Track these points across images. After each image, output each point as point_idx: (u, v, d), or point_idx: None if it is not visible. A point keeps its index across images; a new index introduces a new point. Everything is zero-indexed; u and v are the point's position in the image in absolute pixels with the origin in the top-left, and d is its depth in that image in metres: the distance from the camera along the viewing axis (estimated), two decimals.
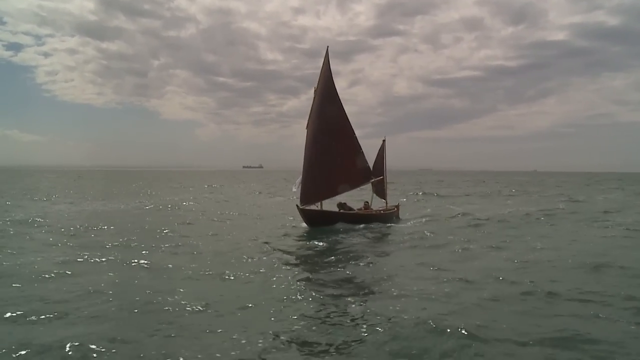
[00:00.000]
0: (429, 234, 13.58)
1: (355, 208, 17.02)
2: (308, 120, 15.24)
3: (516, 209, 21.88)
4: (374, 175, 17.00)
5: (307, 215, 14.62)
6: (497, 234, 13.81)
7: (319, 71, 15.36)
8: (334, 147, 15.20)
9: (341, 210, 15.81)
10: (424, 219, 17.81)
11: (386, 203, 17.94)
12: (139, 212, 19.09)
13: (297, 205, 14.80)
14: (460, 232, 14.09)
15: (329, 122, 15.21)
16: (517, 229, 15.15)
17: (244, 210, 20.19)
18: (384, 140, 17.86)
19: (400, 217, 18.07)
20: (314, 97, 15.20)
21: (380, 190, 17.90)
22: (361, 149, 15.73)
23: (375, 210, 17.00)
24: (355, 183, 15.61)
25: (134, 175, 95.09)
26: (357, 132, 15.75)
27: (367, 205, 17.13)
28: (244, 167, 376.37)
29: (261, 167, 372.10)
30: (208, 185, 47.72)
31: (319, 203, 15.31)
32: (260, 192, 35.46)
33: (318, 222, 14.52)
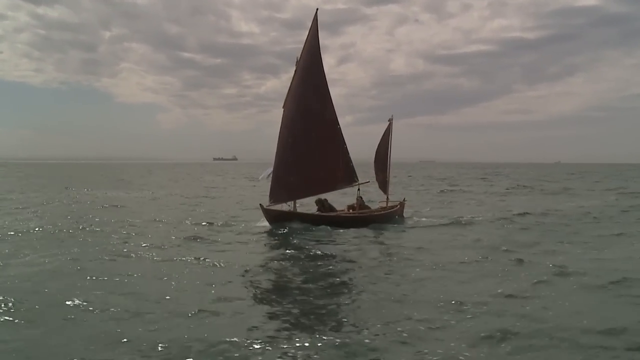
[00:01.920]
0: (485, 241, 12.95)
1: (345, 206, 16.89)
2: (286, 98, 15.07)
3: (576, 204, 22.63)
4: (377, 167, 17.30)
5: (272, 215, 14.45)
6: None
7: (302, 46, 15.27)
8: (313, 136, 15.02)
9: (317, 212, 15.61)
10: (465, 217, 17.61)
11: (387, 199, 17.85)
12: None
13: (260, 204, 14.58)
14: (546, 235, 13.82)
15: (311, 104, 15.01)
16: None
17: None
18: (390, 122, 17.68)
19: (405, 216, 17.93)
20: (295, 70, 15.04)
21: (382, 183, 17.88)
22: (345, 143, 15.52)
23: (368, 211, 16.73)
24: (333, 184, 15.40)
25: (78, 169, 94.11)
26: (347, 119, 16.34)
27: (360, 202, 16.82)
28: (214, 159, 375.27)
29: (235, 159, 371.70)
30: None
31: (291, 202, 15.17)
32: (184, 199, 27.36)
33: (284, 220, 14.36)
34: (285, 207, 15.08)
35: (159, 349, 5.50)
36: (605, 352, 5.56)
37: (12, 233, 13.37)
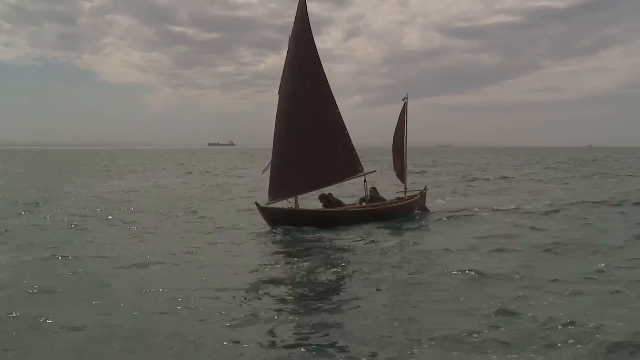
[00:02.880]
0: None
1: (357, 200, 16.98)
2: (281, 82, 15.20)
3: None
4: (395, 154, 17.32)
5: (271, 215, 14.56)
6: None
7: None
8: (309, 123, 15.13)
9: (322, 208, 15.67)
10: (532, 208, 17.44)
11: (405, 189, 17.89)
12: None
13: (256, 203, 14.61)
14: None
15: (303, 87, 15.12)
16: None
17: None
18: (404, 102, 17.72)
19: (429, 207, 17.93)
20: (287, 52, 15.14)
21: (400, 172, 18.03)
22: (346, 129, 15.58)
23: (381, 204, 16.66)
24: (336, 176, 15.43)
25: (57, 157, 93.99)
26: (356, 99, 16.18)
27: (374, 194, 16.83)
28: (209, 144, 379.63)
29: (232, 144, 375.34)
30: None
31: (293, 199, 15.13)
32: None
33: (288, 222, 14.42)
34: (286, 204, 14.97)
35: None
36: None
37: None
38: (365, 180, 16.08)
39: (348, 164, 15.54)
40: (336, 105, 15.51)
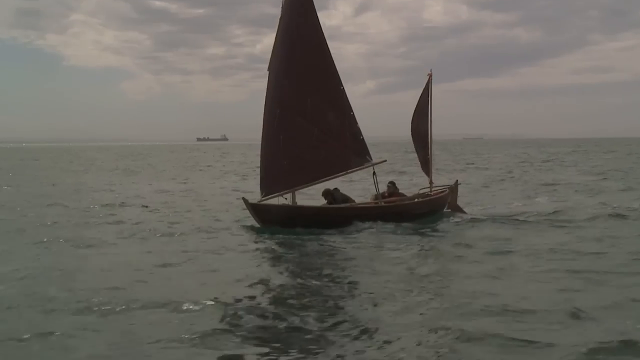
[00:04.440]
0: None
1: (371, 196, 16.99)
2: (271, 57, 15.32)
3: None
4: (417, 142, 17.48)
5: (263, 213, 14.58)
6: None
7: None
8: (308, 103, 15.16)
9: (324, 204, 15.63)
10: None
11: (430, 183, 17.91)
12: None
13: (243, 199, 14.77)
14: None
15: (301, 59, 15.15)
16: None
17: None
18: (429, 76, 17.74)
19: (460, 206, 17.66)
20: (280, 19, 15.30)
21: (424, 163, 18.13)
22: (352, 110, 15.59)
23: (398, 199, 16.70)
24: (340, 166, 15.44)
25: (14, 156, 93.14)
26: (369, 85, 16.30)
27: (392, 190, 16.94)
28: (199, 139, 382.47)
29: (225, 139, 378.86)
30: None
31: (290, 193, 15.17)
32: None
33: (284, 221, 14.47)
34: (281, 201, 14.98)
35: None
36: None
37: None
38: (374, 173, 15.82)
39: (354, 151, 15.50)
40: (339, 79, 15.45)
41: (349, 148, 15.49)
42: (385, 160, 17.39)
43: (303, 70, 15.09)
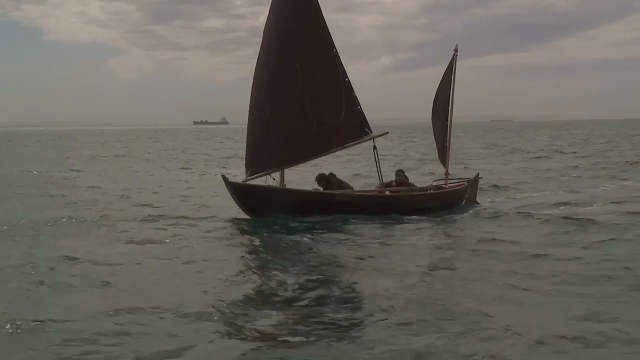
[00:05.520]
0: None
1: (376, 185, 16.85)
2: (264, 30, 15.60)
3: None
4: (436, 127, 17.81)
5: (245, 195, 14.54)
6: None
7: None
8: (298, 68, 15.21)
9: (318, 189, 15.67)
10: None
11: (446, 174, 18.02)
12: None
13: (223, 177, 14.63)
14: None
15: (290, 19, 15.36)
16: None
17: None
18: (455, 53, 17.80)
19: (480, 202, 17.65)
20: None
21: (441, 150, 18.35)
22: (348, 78, 15.70)
23: (407, 189, 16.71)
24: (335, 140, 15.46)
25: None
26: (385, 61, 16.71)
27: (402, 179, 16.90)
28: (195, 123, 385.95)
29: (225, 122, 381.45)
30: None
31: (279, 173, 15.21)
32: None
33: (272, 207, 14.46)
34: (269, 181, 15.14)
35: None
36: None
37: None
38: (374, 148, 15.76)
39: (351, 122, 15.46)
40: (332, 41, 15.51)
41: (345, 119, 15.43)
42: (387, 133, 17.74)
43: (295, 33, 15.18)
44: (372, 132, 15.77)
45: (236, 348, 6.82)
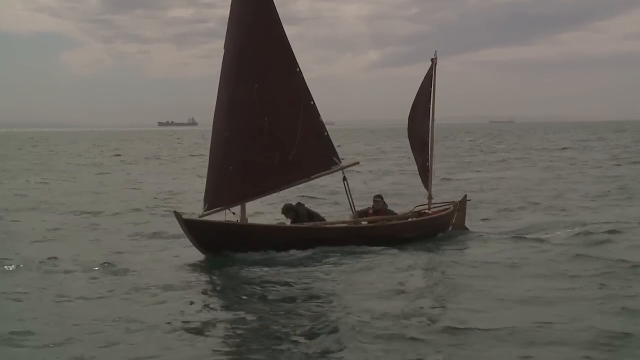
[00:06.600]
0: None
1: (349, 215, 16.84)
2: (224, 42, 15.78)
3: None
4: (414, 143, 17.95)
5: (202, 234, 14.53)
6: None
7: None
8: (256, 88, 15.31)
9: (287, 223, 15.89)
10: None
11: (429, 198, 18.03)
12: None
13: (175, 213, 14.55)
14: None
15: (247, 34, 15.53)
16: None
17: None
18: (433, 62, 17.96)
19: (470, 228, 17.85)
20: None
21: (422, 170, 18.35)
22: (312, 98, 15.88)
23: (382, 219, 16.88)
24: (302, 171, 15.57)
25: None
26: (372, 55, 16.22)
27: (380, 206, 17.02)
28: (160, 124, 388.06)
29: (194, 122, 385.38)
30: None
31: (239, 207, 15.24)
32: None
33: (231, 244, 14.62)
34: (230, 217, 15.05)
35: None
36: None
37: None
38: (344, 179, 15.85)
39: (318, 151, 15.62)
40: (296, 61, 15.65)
41: (311, 148, 15.56)
42: (358, 162, 17.85)
43: (245, 46, 15.29)
44: (340, 162, 15.91)
45: None
